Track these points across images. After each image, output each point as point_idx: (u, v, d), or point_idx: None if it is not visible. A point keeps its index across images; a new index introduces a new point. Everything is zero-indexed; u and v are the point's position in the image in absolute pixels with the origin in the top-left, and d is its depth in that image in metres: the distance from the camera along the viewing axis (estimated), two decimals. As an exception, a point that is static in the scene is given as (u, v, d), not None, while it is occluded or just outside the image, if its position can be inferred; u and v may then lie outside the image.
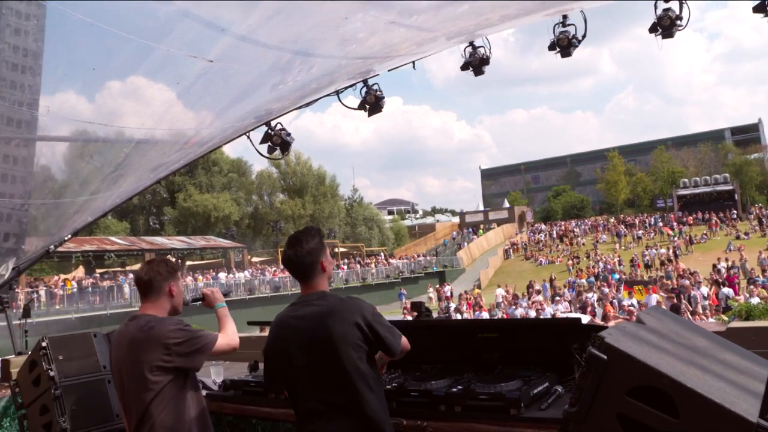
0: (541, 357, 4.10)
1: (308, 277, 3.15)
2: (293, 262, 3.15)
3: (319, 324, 2.98)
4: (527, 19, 7.71)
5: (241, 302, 35.37)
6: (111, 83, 4.86)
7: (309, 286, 3.16)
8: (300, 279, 3.19)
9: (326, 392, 2.94)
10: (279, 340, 3.12)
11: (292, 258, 3.15)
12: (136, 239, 45.26)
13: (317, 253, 3.15)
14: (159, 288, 3.53)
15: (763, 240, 41.42)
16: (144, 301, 3.56)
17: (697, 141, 76.93)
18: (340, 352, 2.91)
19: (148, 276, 3.53)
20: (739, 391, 2.19)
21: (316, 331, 2.97)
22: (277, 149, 8.58)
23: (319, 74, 6.78)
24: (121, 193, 7.03)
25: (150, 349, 3.30)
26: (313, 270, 3.14)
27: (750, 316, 8.49)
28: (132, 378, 3.35)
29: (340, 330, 2.94)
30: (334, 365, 2.92)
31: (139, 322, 3.43)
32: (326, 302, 3.05)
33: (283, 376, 3.10)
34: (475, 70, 8.58)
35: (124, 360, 3.42)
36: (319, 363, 2.95)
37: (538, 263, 48.23)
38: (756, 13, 6.96)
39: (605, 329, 2.46)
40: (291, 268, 3.20)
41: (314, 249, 3.15)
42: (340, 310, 3.00)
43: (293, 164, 61.58)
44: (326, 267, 3.19)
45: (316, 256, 3.14)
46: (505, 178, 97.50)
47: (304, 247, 3.13)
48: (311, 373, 2.97)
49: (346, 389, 2.91)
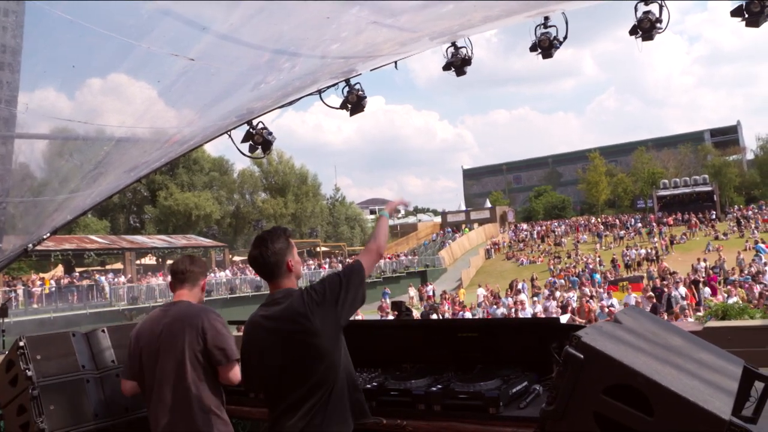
0: (521, 356, 4.13)
1: (274, 276, 3.15)
2: (258, 262, 3.15)
3: (286, 321, 2.98)
4: (509, 20, 7.76)
5: (222, 301, 35.21)
6: (91, 81, 4.82)
7: (275, 285, 3.16)
8: (266, 279, 3.19)
9: (298, 390, 2.94)
10: (250, 341, 3.13)
11: (257, 258, 3.15)
12: (116, 238, 44.84)
13: (283, 253, 3.14)
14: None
15: (741, 241, 41.86)
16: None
17: (677, 142, 77.68)
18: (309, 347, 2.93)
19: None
20: (713, 390, 2.22)
21: (284, 329, 2.97)
22: (258, 148, 8.56)
23: (301, 73, 6.78)
24: (101, 191, 6.98)
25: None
26: (279, 270, 3.14)
27: (726, 315, 8.59)
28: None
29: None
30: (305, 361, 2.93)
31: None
32: (291, 299, 3.04)
33: (259, 376, 3.10)
34: (457, 71, 8.63)
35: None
36: (291, 360, 2.95)
37: (520, 263, 48.36)
38: (734, 17, 7.06)
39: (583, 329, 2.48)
40: (256, 267, 3.20)
41: (280, 249, 3.14)
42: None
43: (275, 163, 61.42)
44: (292, 267, 3.17)
45: (282, 256, 3.14)
46: (487, 178, 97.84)
47: (269, 247, 3.13)
48: (283, 371, 2.97)
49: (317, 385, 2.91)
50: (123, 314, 30.11)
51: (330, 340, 2.94)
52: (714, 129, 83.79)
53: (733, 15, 7.11)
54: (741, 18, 7.03)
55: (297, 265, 3.22)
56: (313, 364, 2.91)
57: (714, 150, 74.31)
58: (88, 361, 4.62)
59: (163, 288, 34.90)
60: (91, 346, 4.74)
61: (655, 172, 70.07)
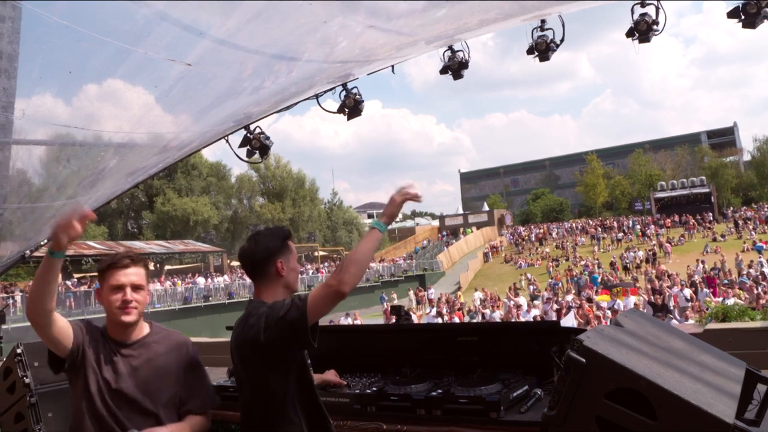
0: (521, 360, 4.11)
1: (257, 276, 2.80)
2: (245, 254, 2.83)
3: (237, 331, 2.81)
4: (506, 24, 7.76)
5: (220, 306, 35.20)
6: (88, 86, 4.81)
7: (257, 291, 2.82)
8: (251, 278, 2.85)
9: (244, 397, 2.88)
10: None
11: (245, 251, 2.84)
12: (114, 243, 44.75)
13: (274, 251, 2.79)
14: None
15: (738, 242, 41.92)
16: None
17: (673, 144, 77.86)
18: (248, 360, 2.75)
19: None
20: (715, 393, 2.21)
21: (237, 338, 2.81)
22: (256, 153, 8.56)
23: (298, 78, 6.77)
24: (99, 197, 6.97)
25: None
26: (264, 270, 2.78)
27: (726, 317, 8.60)
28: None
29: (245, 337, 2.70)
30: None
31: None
32: (251, 307, 2.77)
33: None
34: (454, 74, 8.62)
35: None
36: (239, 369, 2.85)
37: (518, 266, 48.38)
38: (730, 18, 7.07)
39: (584, 332, 2.47)
40: (242, 262, 2.87)
41: (273, 246, 2.79)
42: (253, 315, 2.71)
43: (272, 168, 61.51)
44: (282, 269, 2.78)
45: (271, 254, 2.78)
46: (484, 181, 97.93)
47: (260, 242, 2.81)
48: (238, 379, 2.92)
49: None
50: (121, 320, 29.99)
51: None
52: (710, 131, 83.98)
53: (730, 16, 7.12)
54: (738, 19, 7.03)
55: (291, 273, 2.83)
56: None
57: (711, 152, 74.53)
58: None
59: (161, 293, 34.88)
60: (89, 352, 4.72)
61: (652, 174, 70.24)
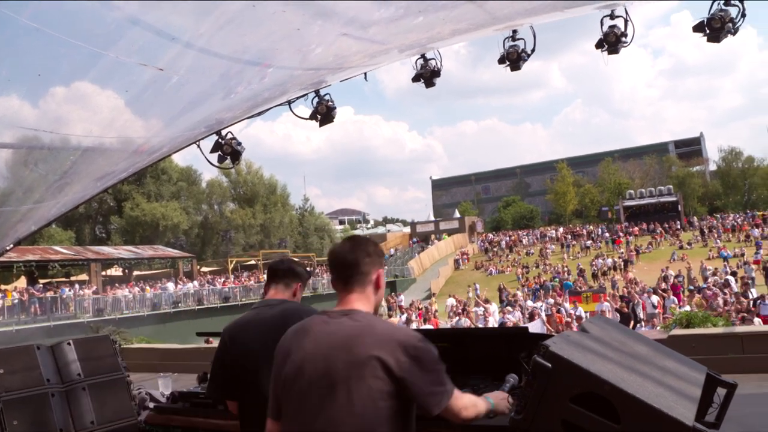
0: (490, 366, 4.16)
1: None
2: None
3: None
4: (478, 34, 7.84)
5: (190, 313, 34.85)
6: (56, 89, 4.76)
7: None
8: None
9: None
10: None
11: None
12: (82, 249, 44.14)
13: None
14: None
15: (704, 250, 42.67)
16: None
17: (642, 153, 79.11)
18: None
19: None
20: (677, 396, 2.27)
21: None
22: (227, 158, 8.52)
23: (271, 84, 6.77)
24: (67, 201, 6.89)
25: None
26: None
27: (690, 324, 8.74)
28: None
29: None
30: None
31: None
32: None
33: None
34: (426, 82, 8.68)
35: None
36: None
37: (489, 273, 48.67)
38: (696, 32, 7.22)
39: (551, 338, 2.52)
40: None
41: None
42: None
43: (244, 173, 61.15)
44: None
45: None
46: (455, 188, 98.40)
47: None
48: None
49: None
50: (89, 327, 29.61)
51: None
52: (678, 140, 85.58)
53: (695, 30, 7.26)
54: (703, 33, 7.18)
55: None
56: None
57: (678, 161, 75.88)
58: (53, 375, 4.55)
59: (129, 299, 34.44)
60: (57, 359, 4.67)
61: (621, 182, 71.25)
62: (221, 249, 58.39)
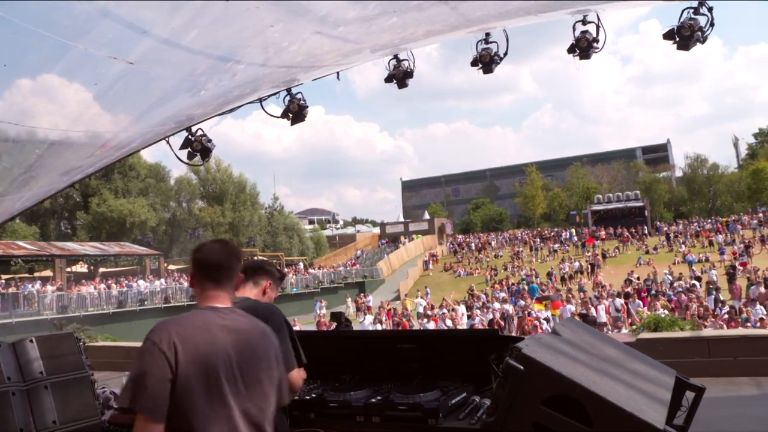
0: (460, 368, 4.15)
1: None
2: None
3: None
4: (451, 35, 7.86)
5: (157, 311, 34.44)
6: (22, 81, 4.66)
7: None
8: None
9: None
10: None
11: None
12: (46, 244, 43.28)
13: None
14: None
15: (670, 255, 43.34)
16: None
17: (610, 159, 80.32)
18: None
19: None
20: (647, 399, 2.28)
21: None
22: (197, 155, 8.43)
23: (242, 81, 6.71)
24: (31, 195, 6.75)
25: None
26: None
27: (658, 327, 8.86)
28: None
29: None
30: None
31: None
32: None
33: None
34: (398, 83, 8.67)
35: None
36: None
37: (457, 275, 48.84)
38: (666, 40, 7.32)
39: (522, 340, 2.52)
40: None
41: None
42: None
43: (213, 171, 60.58)
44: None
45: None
46: (425, 190, 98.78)
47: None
48: None
49: None
50: (52, 324, 29.05)
51: None
52: (645, 147, 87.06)
53: (666, 38, 7.37)
54: (673, 41, 7.29)
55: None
56: None
57: (645, 167, 77.11)
58: (14, 373, 4.44)
59: (94, 296, 33.91)
60: (18, 356, 4.56)
61: (589, 187, 72.19)
62: (189, 247, 57.68)
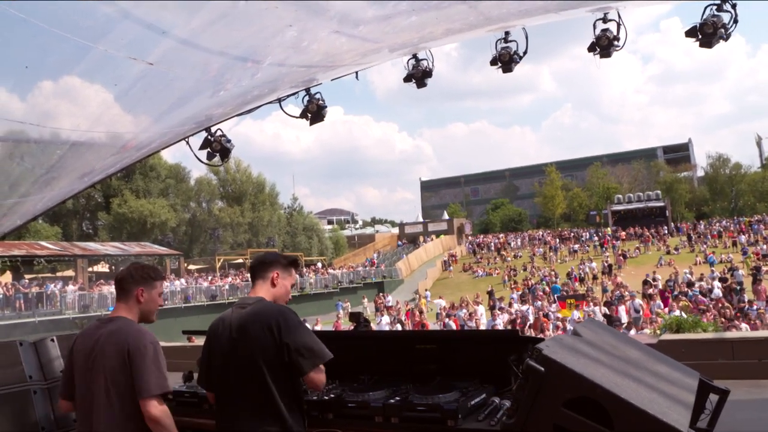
0: (479, 368, 4.12)
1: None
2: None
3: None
4: (470, 34, 7.82)
5: (177, 311, 34.66)
6: (44, 83, 4.69)
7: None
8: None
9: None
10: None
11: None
12: (68, 244, 43.77)
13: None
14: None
15: (691, 255, 42.90)
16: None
17: (630, 158, 79.68)
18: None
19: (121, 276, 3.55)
20: (671, 402, 2.24)
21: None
22: (216, 155, 8.46)
23: (261, 81, 6.72)
24: (53, 196, 6.81)
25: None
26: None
27: (680, 328, 8.75)
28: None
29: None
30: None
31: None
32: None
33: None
34: (417, 83, 8.64)
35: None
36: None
37: (476, 275, 48.70)
38: (688, 37, 7.23)
39: (542, 341, 2.49)
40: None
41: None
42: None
43: (232, 171, 60.94)
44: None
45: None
46: (444, 190, 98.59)
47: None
48: None
49: None
50: (74, 323, 29.32)
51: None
52: (666, 146, 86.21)
53: (688, 35, 7.28)
54: (695, 38, 7.20)
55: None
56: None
57: (666, 167, 76.37)
58: (35, 372, 4.48)
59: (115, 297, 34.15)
60: (40, 355, 4.60)
61: (609, 187, 71.64)
62: (209, 247, 58.10)
